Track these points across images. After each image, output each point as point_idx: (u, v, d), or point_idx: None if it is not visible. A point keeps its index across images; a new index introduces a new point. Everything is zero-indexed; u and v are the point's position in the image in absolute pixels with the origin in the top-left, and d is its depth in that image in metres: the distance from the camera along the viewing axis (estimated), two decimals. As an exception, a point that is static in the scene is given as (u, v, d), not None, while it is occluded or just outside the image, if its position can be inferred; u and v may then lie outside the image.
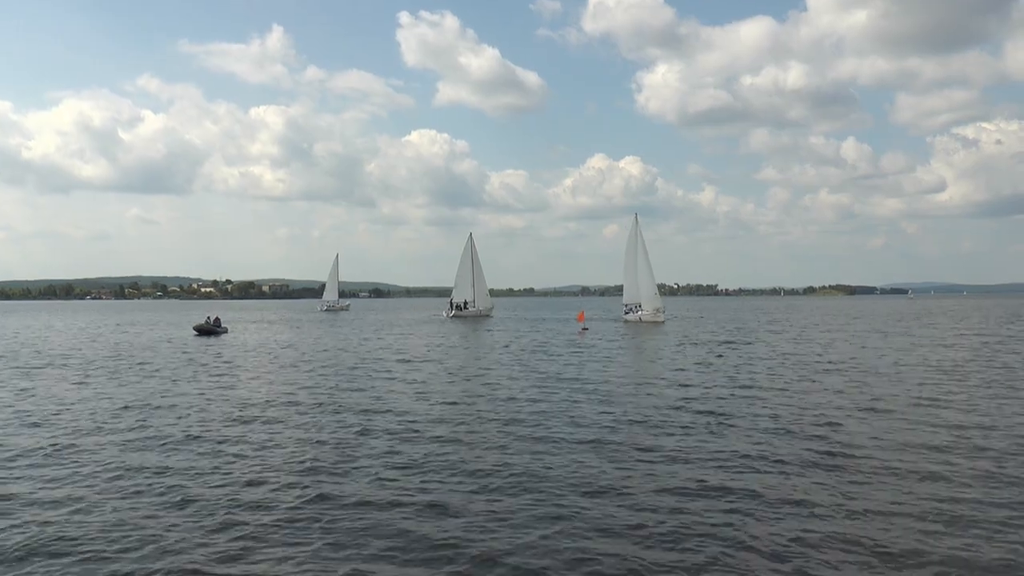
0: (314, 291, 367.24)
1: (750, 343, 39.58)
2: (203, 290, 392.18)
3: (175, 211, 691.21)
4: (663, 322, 62.18)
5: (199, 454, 12.93)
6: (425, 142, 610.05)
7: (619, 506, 9.75)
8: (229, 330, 54.53)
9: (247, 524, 9.12)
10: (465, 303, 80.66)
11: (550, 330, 56.31)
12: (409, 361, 30.58)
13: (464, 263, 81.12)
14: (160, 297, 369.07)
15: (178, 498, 10.17)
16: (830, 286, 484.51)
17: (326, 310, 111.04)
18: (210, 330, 50.87)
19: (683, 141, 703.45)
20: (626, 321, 64.14)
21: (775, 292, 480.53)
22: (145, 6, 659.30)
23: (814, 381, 22.39)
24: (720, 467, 11.75)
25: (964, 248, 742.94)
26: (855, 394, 19.39)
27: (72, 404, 18.68)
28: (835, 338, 43.68)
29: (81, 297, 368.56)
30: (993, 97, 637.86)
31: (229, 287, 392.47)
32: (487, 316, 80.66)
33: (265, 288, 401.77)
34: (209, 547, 8.38)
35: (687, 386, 21.31)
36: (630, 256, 65.97)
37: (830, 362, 28.26)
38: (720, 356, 31.14)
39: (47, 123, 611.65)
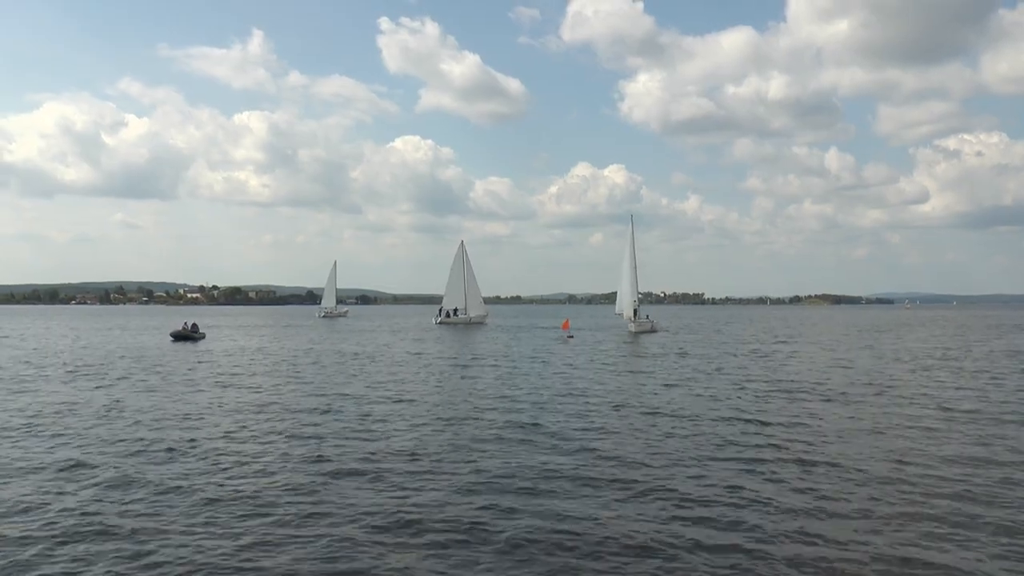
0: (300, 298, 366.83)
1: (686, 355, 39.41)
2: (189, 296, 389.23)
3: (160, 216, 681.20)
4: (635, 332, 61.81)
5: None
6: (409, 148, 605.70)
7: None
8: (206, 336, 55.92)
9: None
10: (455, 310, 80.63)
11: (534, 339, 56.72)
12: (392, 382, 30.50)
13: (455, 270, 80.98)
14: (146, 303, 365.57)
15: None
16: (815, 296, 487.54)
17: (324, 316, 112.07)
18: (187, 336, 51.82)
19: (667, 150, 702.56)
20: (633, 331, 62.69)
21: (761, 301, 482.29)
22: (124, 9, 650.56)
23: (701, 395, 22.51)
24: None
25: (947, 259, 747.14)
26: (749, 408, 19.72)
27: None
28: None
29: (66, 302, 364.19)
30: (973, 109, 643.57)
31: (216, 293, 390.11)
32: (481, 324, 79.97)
33: (252, 294, 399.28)
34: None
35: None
36: (625, 261, 64.88)
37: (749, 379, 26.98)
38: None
39: (29, 126, 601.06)
